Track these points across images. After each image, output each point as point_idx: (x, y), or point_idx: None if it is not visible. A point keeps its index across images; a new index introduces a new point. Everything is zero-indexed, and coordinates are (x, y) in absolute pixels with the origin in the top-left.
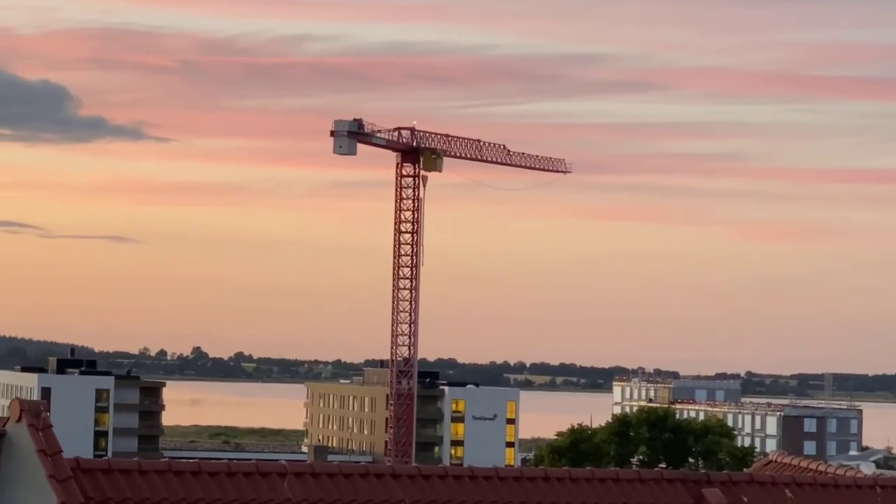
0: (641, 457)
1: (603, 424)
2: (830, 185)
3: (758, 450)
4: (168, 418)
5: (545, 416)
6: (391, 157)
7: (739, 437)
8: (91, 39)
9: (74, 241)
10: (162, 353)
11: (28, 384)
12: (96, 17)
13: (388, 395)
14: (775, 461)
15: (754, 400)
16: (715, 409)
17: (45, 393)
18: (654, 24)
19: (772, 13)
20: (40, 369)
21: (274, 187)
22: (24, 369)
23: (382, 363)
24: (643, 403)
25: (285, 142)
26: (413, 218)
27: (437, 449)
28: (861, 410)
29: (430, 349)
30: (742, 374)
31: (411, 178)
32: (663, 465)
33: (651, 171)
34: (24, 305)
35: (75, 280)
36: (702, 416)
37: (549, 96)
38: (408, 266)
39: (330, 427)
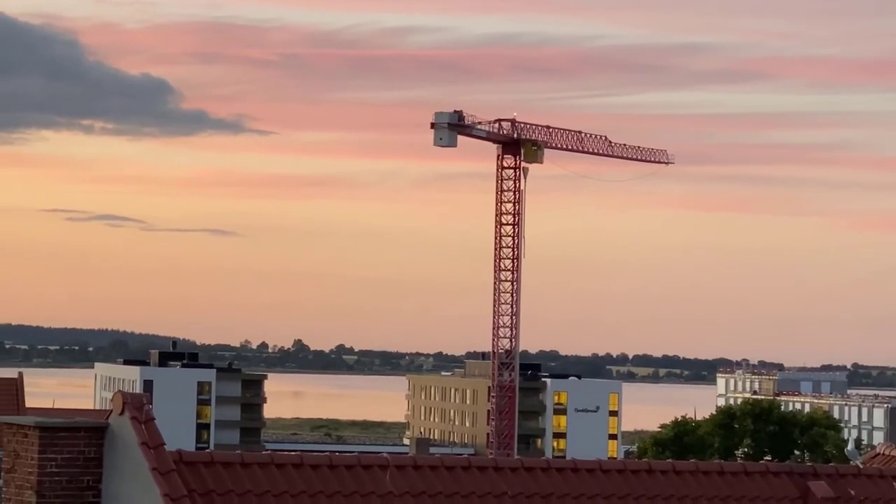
0: (746, 449)
1: (707, 417)
2: None
3: (865, 442)
4: (270, 411)
5: (648, 409)
6: (492, 149)
7: (846, 430)
8: (194, 34)
9: (176, 234)
10: (263, 345)
11: (130, 377)
12: (200, 12)
13: (489, 388)
14: (883, 454)
15: (861, 392)
16: (820, 401)
17: (148, 386)
18: (759, 14)
19: (877, 1)
20: (142, 362)
21: (375, 180)
22: (126, 362)
23: (484, 355)
24: (747, 395)
25: (386, 134)
26: (514, 210)
27: (539, 441)
28: None
29: (532, 341)
30: (848, 366)
31: (512, 170)
32: (768, 458)
33: (755, 162)
34: (126, 298)
35: (177, 273)
36: (807, 409)
37: (652, 87)
38: (509, 258)
39: (431, 419)
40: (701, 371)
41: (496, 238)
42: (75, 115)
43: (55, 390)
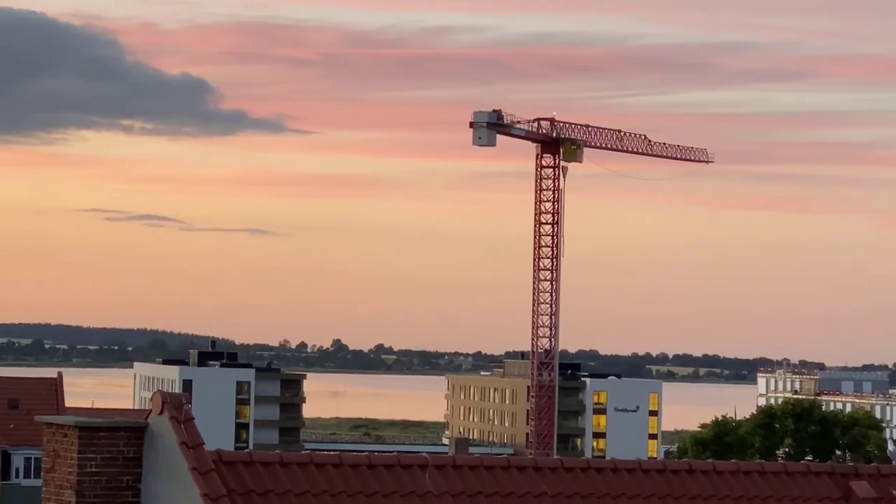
0: (787, 449)
1: (747, 416)
2: None
3: None
4: (309, 410)
5: (688, 408)
6: (531, 148)
7: (887, 429)
8: (234, 33)
9: (215, 234)
10: (302, 345)
11: (169, 377)
12: (240, 11)
13: (529, 387)
14: None
15: None
16: (862, 401)
17: (187, 385)
18: (800, 12)
19: None
20: (181, 362)
21: (414, 179)
22: (165, 362)
23: (523, 355)
24: (788, 395)
25: (425, 134)
26: (553, 209)
27: (578, 441)
28: None
29: (572, 341)
30: (890, 366)
31: (551, 169)
32: (809, 458)
33: (796, 161)
34: (165, 298)
35: (216, 273)
36: (848, 408)
37: (692, 86)
38: (548, 257)
39: (471, 419)
40: (741, 370)
41: (535, 237)
42: (115, 115)
43: (94, 390)
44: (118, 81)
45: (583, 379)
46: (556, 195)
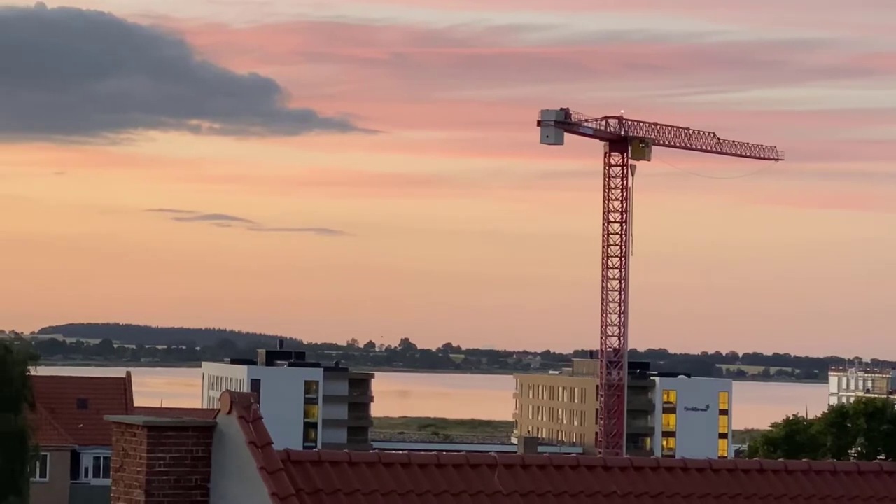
0: (859, 449)
1: (819, 415)
2: None
3: None
4: (377, 410)
5: (759, 407)
6: (599, 146)
7: None
8: (301, 33)
9: (283, 233)
10: (370, 344)
11: (238, 376)
12: (308, 11)
13: (597, 386)
14: None
15: None
16: None
17: (255, 385)
18: (871, 8)
19: None
20: (249, 361)
21: (481, 178)
22: (233, 361)
23: (592, 354)
24: (860, 394)
25: (493, 133)
26: (621, 207)
27: (648, 440)
28: None
29: (641, 340)
30: None
31: (619, 168)
32: (882, 458)
33: (866, 158)
34: (233, 298)
35: (284, 272)
36: None
37: (760, 83)
38: (617, 256)
39: (539, 418)
40: (812, 369)
41: (604, 236)
42: (183, 116)
43: (163, 390)
44: (186, 82)
45: (652, 378)
46: (625, 193)
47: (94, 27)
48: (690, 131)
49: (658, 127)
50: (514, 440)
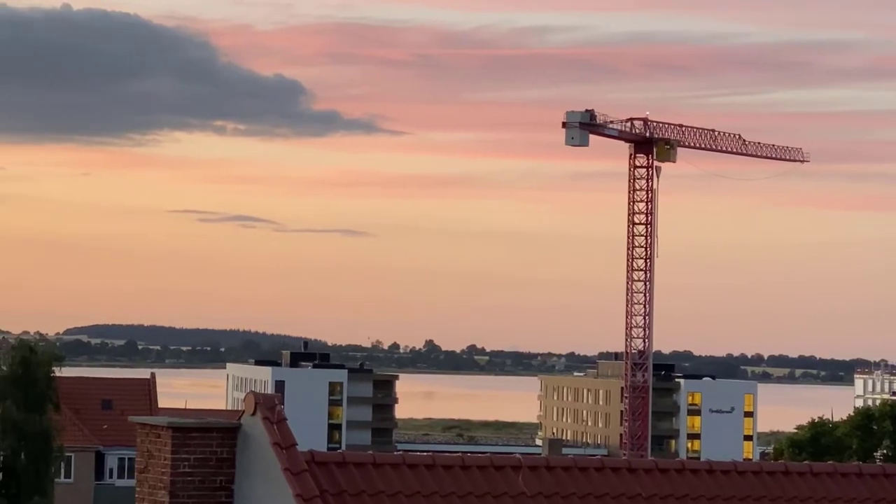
0: (885, 451)
1: (844, 418)
2: None
3: None
4: (401, 411)
5: (784, 410)
6: (624, 148)
7: None
8: (327, 34)
9: (308, 234)
10: (394, 346)
11: (262, 377)
12: (332, 13)
13: (622, 388)
14: None
15: None
16: None
17: (279, 386)
18: None
19: None
20: (274, 363)
21: (506, 180)
22: (258, 363)
23: (617, 355)
24: (886, 396)
25: (518, 134)
26: (647, 209)
27: (673, 442)
28: None
29: (665, 341)
30: None
31: (644, 169)
32: None
33: (893, 160)
34: (258, 299)
35: (309, 274)
36: None
37: (786, 85)
38: (642, 258)
39: (564, 420)
40: (838, 372)
41: (629, 237)
42: (208, 117)
43: (187, 391)
44: (211, 83)
45: (677, 380)
46: (650, 195)
47: (120, 28)
48: (716, 133)
49: (683, 128)
50: (538, 442)
